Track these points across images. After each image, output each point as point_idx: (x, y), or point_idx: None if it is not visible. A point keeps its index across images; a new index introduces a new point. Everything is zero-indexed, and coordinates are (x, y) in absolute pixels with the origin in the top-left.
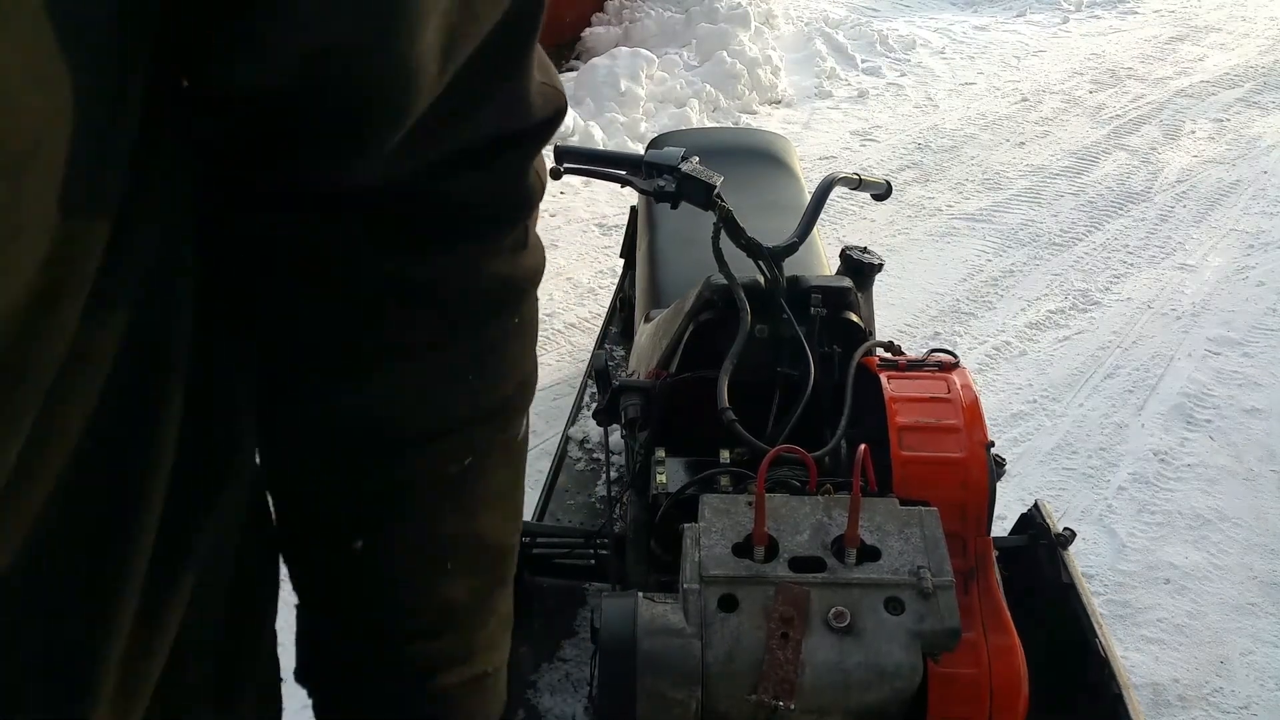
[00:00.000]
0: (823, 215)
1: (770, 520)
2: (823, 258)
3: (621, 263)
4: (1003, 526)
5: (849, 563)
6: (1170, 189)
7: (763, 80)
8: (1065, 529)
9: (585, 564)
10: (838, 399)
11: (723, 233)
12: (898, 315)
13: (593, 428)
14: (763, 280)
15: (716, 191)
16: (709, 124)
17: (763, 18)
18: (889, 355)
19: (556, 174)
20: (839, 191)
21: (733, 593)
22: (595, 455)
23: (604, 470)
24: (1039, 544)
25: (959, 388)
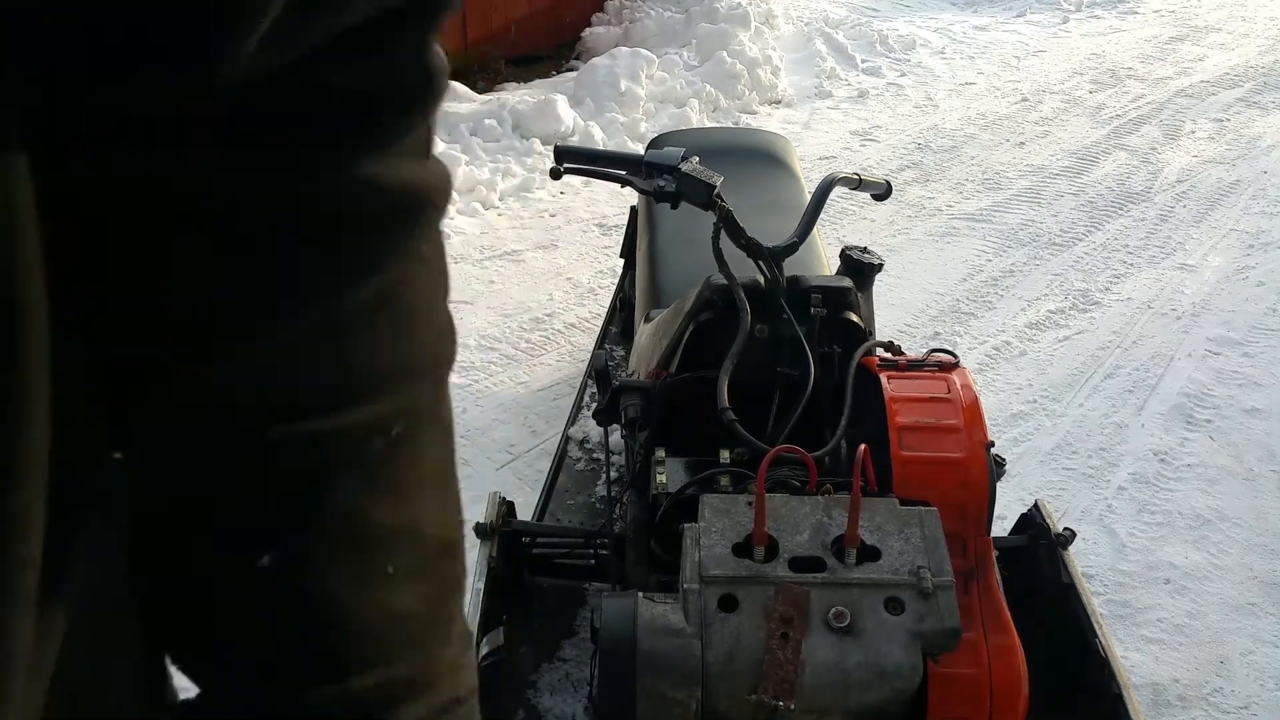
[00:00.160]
0: (823, 215)
1: (770, 520)
2: (823, 258)
3: (621, 263)
4: (1003, 526)
5: (849, 563)
6: (1170, 189)
7: (763, 80)
8: (1065, 529)
9: (585, 564)
10: (838, 399)
11: (723, 233)
12: (898, 315)
13: (593, 428)
14: (763, 280)
15: (716, 191)
16: (709, 124)
17: (763, 18)
18: (889, 355)
19: (556, 174)
20: (839, 191)
21: (733, 593)
22: (595, 455)
23: (604, 470)
24: (1039, 544)
25: (959, 388)
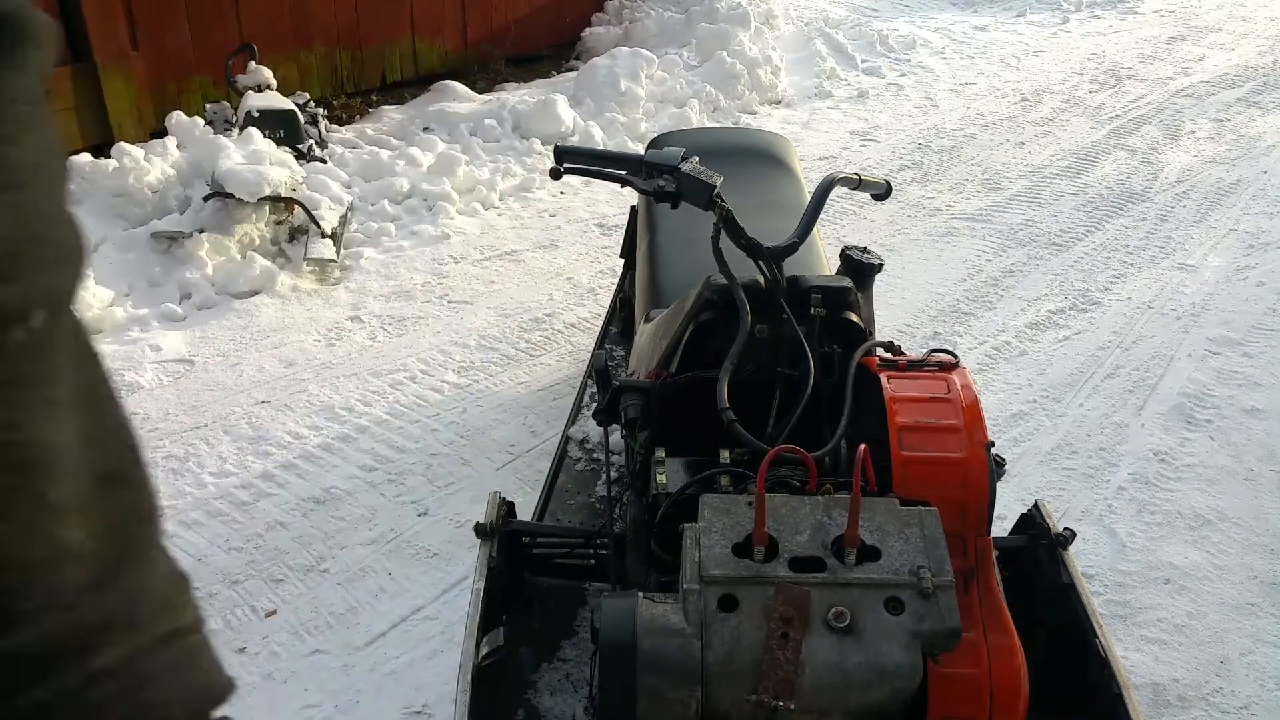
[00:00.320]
0: (823, 215)
1: (770, 520)
2: (823, 258)
3: (621, 263)
4: (1003, 526)
5: (849, 563)
6: (1170, 189)
7: (763, 80)
8: (1065, 529)
9: (585, 564)
10: (838, 399)
11: (723, 233)
12: (898, 315)
13: (593, 428)
14: (763, 280)
15: (716, 191)
16: (709, 124)
17: (763, 18)
18: (889, 355)
19: (556, 174)
20: (839, 191)
21: (733, 593)
22: (595, 455)
23: (604, 470)
24: (1039, 544)
25: (959, 388)
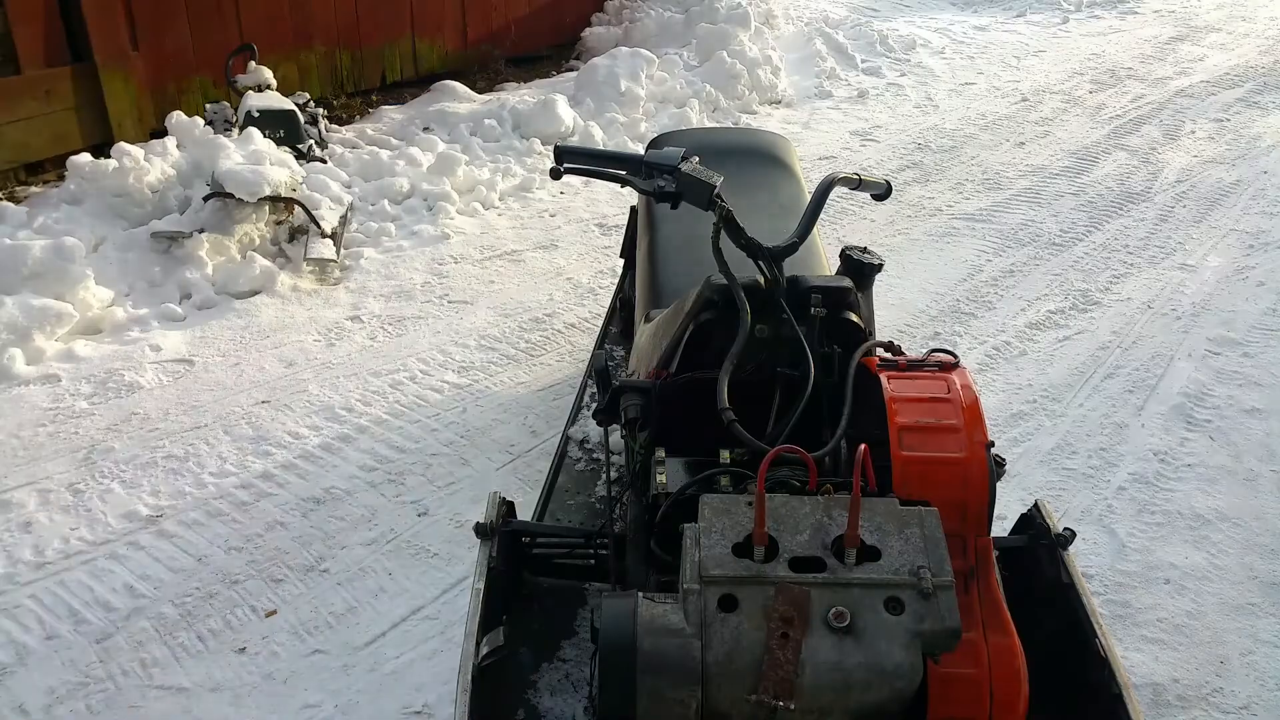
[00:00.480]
0: (823, 215)
1: (770, 520)
2: (823, 258)
3: (621, 263)
4: (1003, 526)
5: (849, 563)
6: (1170, 189)
7: (763, 80)
8: (1065, 529)
9: (585, 564)
10: (837, 399)
11: (723, 233)
12: (898, 315)
13: (593, 428)
14: (763, 280)
15: (716, 192)
16: (709, 124)
17: (763, 18)
18: (889, 355)
19: (556, 174)
20: (839, 191)
21: (733, 593)
22: (595, 455)
23: (604, 470)
24: (1039, 544)
25: (959, 388)
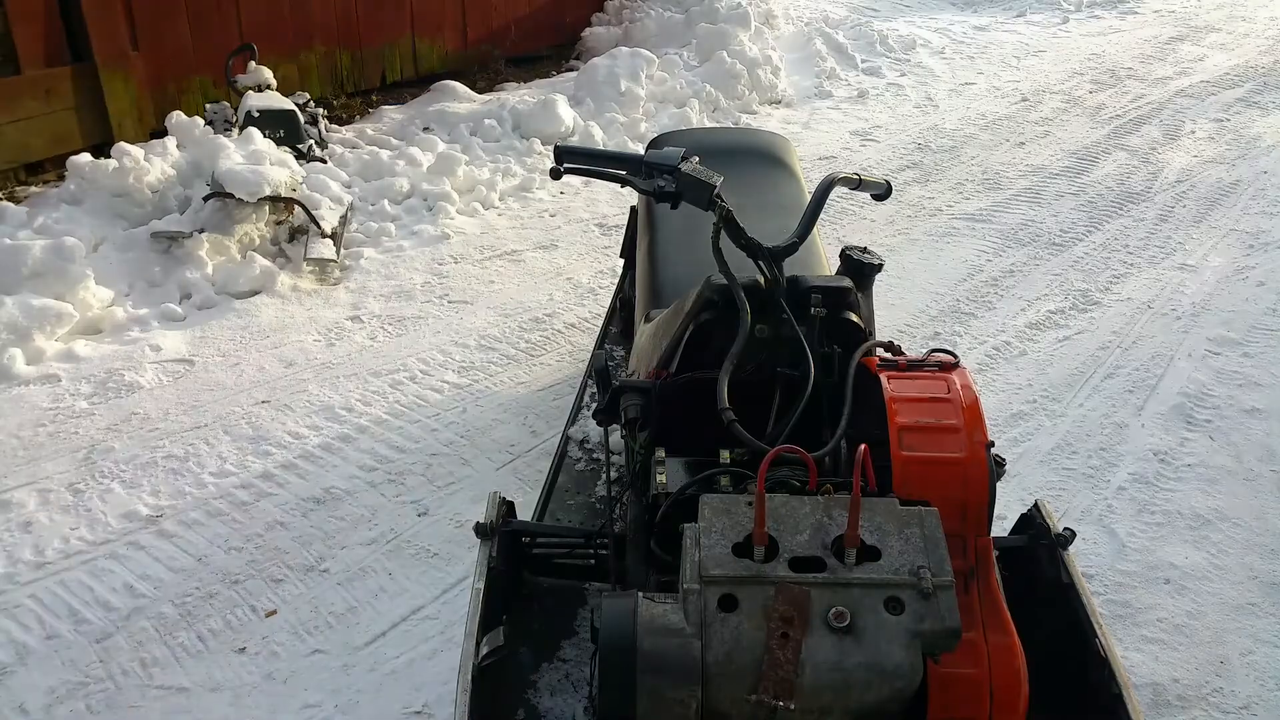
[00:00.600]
0: (823, 215)
1: (770, 520)
2: (823, 258)
3: (621, 263)
4: (1003, 526)
5: (849, 563)
6: (1170, 189)
7: (762, 80)
8: (1065, 529)
9: (585, 564)
10: (837, 399)
11: (723, 233)
12: (898, 315)
13: (593, 428)
14: (763, 280)
15: (716, 191)
16: (709, 124)
17: (763, 18)
18: (889, 355)
19: (556, 174)
20: (839, 191)
21: (733, 593)
22: (595, 455)
23: (604, 470)
24: (1039, 544)
25: (959, 388)
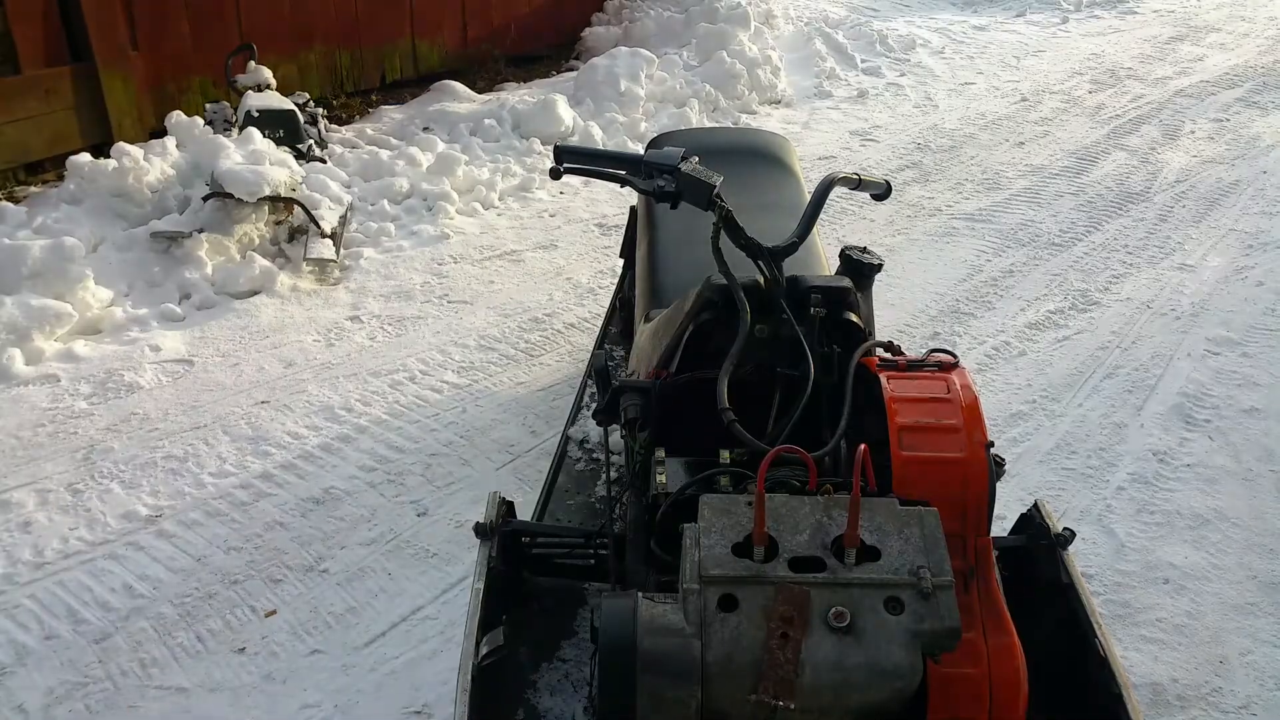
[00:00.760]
0: (822, 215)
1: (770, 520)
2: (822, 258)
3: (621, 263)
4: (1002, 526)
5: (849, 563)
6: (1169, 189)
7: (762, 80)
8: (1065, 529)
9: (585, 564)
10: (837, 399)
11: (722, 233)
12: (897, 315)
13: (593, 428)
14: (763, 280)
15: (716, 191)
16: (709, 124)
17: (762, 18)
18: (889, 355)
19: (556, 174)
20: (838, 191)
21: (733, 593)
22: (595, 455)
23: (604, 470)
24: (1038, 544)
25: (959, 388)
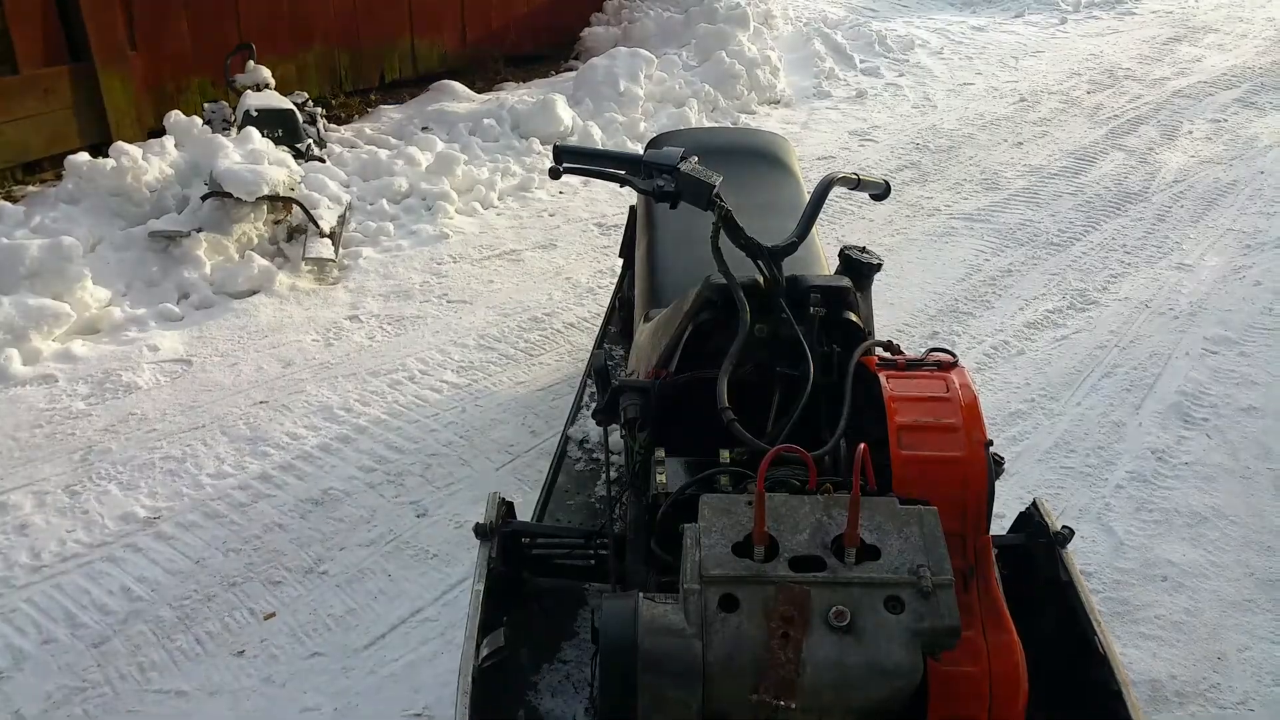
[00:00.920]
0: (822, 215)
1: (770, 520)
2: (822, 258)
3: (620, 263)
4: (1001, 525)
5: (849, 562)
6: (1168, 189)
7: (761, 80)
8: (1063, 527)
9: (585, 564)
10: (837, 398)
11: (722, 233)
12: (896, 315)
13: (593, 428)
14: (762, 280)
15: (716, 191)
16: (708, 124)
17: (762, 18)
18: (888, 355)
19: (556, 174)
20: (837, 191)
21: (733, 592)
22: (595, 455)
23: (604, 470)
24: (1037, 542)
25: (958, 387)
